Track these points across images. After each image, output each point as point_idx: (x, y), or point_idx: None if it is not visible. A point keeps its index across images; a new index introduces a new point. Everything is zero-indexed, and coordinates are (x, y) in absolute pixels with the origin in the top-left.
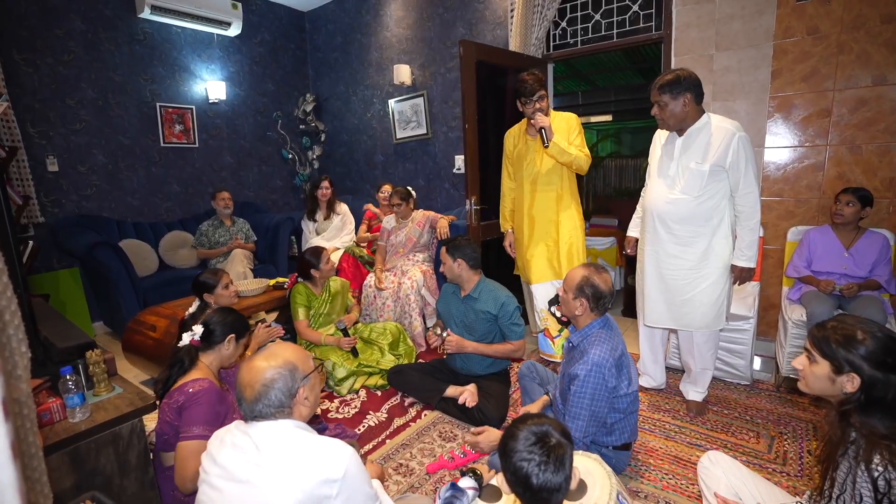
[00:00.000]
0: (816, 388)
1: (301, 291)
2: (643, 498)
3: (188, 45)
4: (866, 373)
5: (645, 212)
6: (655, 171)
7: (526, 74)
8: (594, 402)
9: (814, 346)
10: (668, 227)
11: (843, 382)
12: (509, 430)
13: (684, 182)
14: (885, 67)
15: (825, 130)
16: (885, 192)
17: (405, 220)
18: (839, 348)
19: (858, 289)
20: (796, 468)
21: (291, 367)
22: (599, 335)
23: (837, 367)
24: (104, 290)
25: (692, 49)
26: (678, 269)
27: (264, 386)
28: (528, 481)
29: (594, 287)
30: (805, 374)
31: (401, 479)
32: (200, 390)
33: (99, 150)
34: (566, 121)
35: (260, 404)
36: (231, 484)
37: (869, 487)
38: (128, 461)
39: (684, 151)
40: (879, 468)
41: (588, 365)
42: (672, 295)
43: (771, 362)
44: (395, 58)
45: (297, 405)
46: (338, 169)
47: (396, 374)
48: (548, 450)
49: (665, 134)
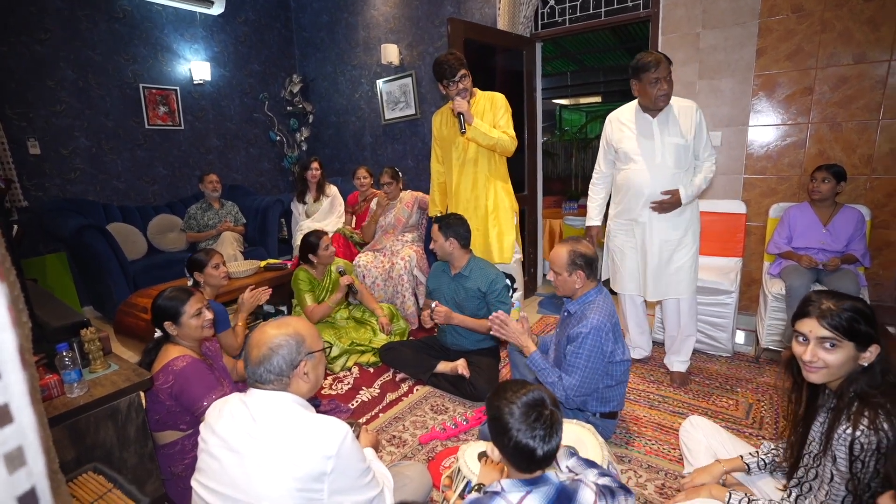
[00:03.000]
0: (840, 372)
1: (303, 277)
2: (628, 462)
3: (170, 24)
4: (877, 339)
5: (629, 193)
6: (636, 153)
7: (445, 55)
8: (590, 361)
9: (836, 333)
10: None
11: (865, 357)
12: (505, 408)
13: (673, 158)
14: (865, 45)
15: (807, 108)
16: (862, 169)
17: (393, 201)
18: (861, 326)
19: (839, 262)
20: (771, 432)
21: (299, 339)
22: (597, 301)
23: (862, 343)
24: (93, 275)
25: (679, 27)
26: (667, 241)
27: (270, 349)
28: (533, 455)
29: (583, 255)
30: (827, 363)
31: (394, 450)
32: (185, 366)
33: (81, 132)
34: (491, 101)
35: (262, 368)
36: (229, 454)
37: (845, 449)
38: (127, 434)
39: (664, 129)
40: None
41: (587, 327)
42: (662, 268)
43: (752, 335)
44: (382, 37)
45: (295, 378)
46: (326, 150)
47: (388, 350)
48: (547, 421)
49: (628, 117)
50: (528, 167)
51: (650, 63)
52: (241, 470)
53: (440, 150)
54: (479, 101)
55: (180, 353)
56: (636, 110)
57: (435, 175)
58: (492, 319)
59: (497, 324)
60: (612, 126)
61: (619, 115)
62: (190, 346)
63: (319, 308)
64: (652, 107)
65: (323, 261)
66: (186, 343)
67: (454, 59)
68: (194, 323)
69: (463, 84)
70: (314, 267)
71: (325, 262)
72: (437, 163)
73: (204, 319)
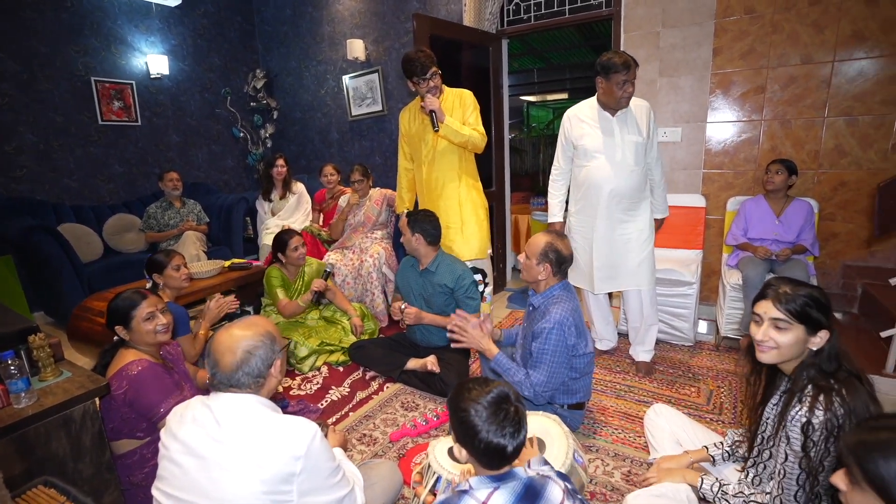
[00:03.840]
0: (790, 353)
1: (275, 275)
2: (595, 451)
3: (123, 15)
4: (827, 324)
5: (590, 189)
6: (598, 150)
7: (415, 52)
8: (555, 356)
9: (787, 314)
10: (620, 199)
11: (814, 341)
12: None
13: (633, 156)
14: (811, 47)
15: (760, 106)
16: (810, 164)
17: (363, 199)
18: (812, 310)
19: (791, 252)
20: (730, 416)
21: (271, 338)
22: (560, 297)
23: (812, 326)
24: (44, 278)
25: (640, 26)
26: (629, 235)
27: (247, 353)
28: (503, 452)
29: (557, 252)
30: (778, 344)
31: (364, 449)
32: (139, 371)
33: (27, 127)
34: (459, 97)
35: (240, 372)
36: (192, 459)
37: (799, 430)
38: (81, 444)
39: (623, 127)
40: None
41: (551, 322)
42: (625, 261)
43: (712, 324)
44: (347, 32)
45: (270, 377)
46: (292, 147)
47: (358, 349)
48: (514, 417)
49: (587, 114)
50: (495, 163)
51: (620, 65)
52: (206, 475)
53: (408, 147)
54: (447, 97)
55: (135, 358)
56: (597, 108)
57: (402, 172)
58: (451, 327)
59: (456, 332)
60: (571, 123)
61: (578, 112)
62: (146, 351)
63: (291, 304)
64: (615, 107)
65: (292, 262)
66: (142, 347)
67: (425, 57)
68: (146, 327)
69: (434, 82)
70: (285, 267)
71: (294, 264)
72: (405, 160)
73: (157, 324)
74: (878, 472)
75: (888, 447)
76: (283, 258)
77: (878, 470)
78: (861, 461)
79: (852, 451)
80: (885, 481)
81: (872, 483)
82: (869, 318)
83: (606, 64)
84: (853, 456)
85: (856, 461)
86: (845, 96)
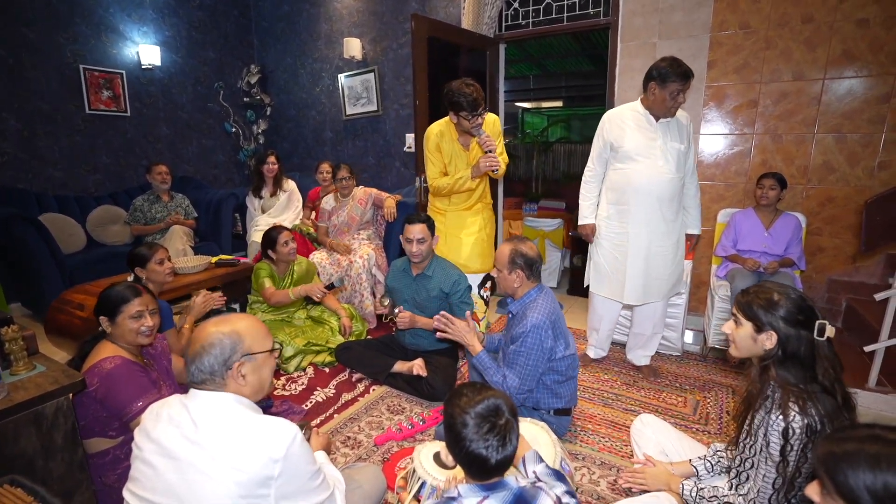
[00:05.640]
0: (744, 348)
1: (264, 267)
2: (582, 459)
3: (115, 3)
4: (781, 329)
5: (626, 194)
6: (641, 154)
7: (465, 85)
8: (529, 359)
9: (738, 310)
10: (662, 205)
11: (763, 340)
12: (459, 417)
13: (674, 162)
14: (803, 64)
15: (752, 120)
16: (800, 179)
17: (345, 199)
18: (759, 309)
19: (779, 265)
20: (716, 427)
21: (235, 338)
22: (536, 301)
23: (758, 326)
24: (23, 269)
25: (637, 36)
26: (666, 244)
27: (202, 347)
28: (486, 463)
29: (524, 255)
30: (733, 338)
31: (349, 452)
32: (112, 368)
33: (11, 113)
34: (493, 126)
35: (193, 366)
36: (166, 460)
37: (778, 434)
38: (53, 442)
39: (667, 133)
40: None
41: (527, 326)
42: (658, 270)
43: (700, 335)
44: (345, 31)
45: (230, 380)
46: (284, 144)
47: (345, 350)
48: (501, 431)
49: (630, 117)
50: None
51: (680, 76)
52: (179, 477)
53: (445, 162)
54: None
55: (112, 353)
56: (641, 112)
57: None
58: (437, 318)
59: (443, 323)
60: (612, 125)
61: (620, 114)
62: (125, 347)
63: (279, 293)
64: (663, 114)
65: (282, 257)
66: (122, 343)
67: (476, 92)
68: (130, 325)
69: (482, 118)
70: (275, 264)
71: (284, 260)
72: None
73: (143, 324)
74: (848, 482)
75: (855, 457)
76: (273, 254)
77: (848, 481)
78: (830, 472)
79: (822, 462)
80: (854, 493)
81: (843, 494)
82: (853, 333)
83: (665, 72)
84: (823, 467)
85: (826, 472)
86: (834, 114)
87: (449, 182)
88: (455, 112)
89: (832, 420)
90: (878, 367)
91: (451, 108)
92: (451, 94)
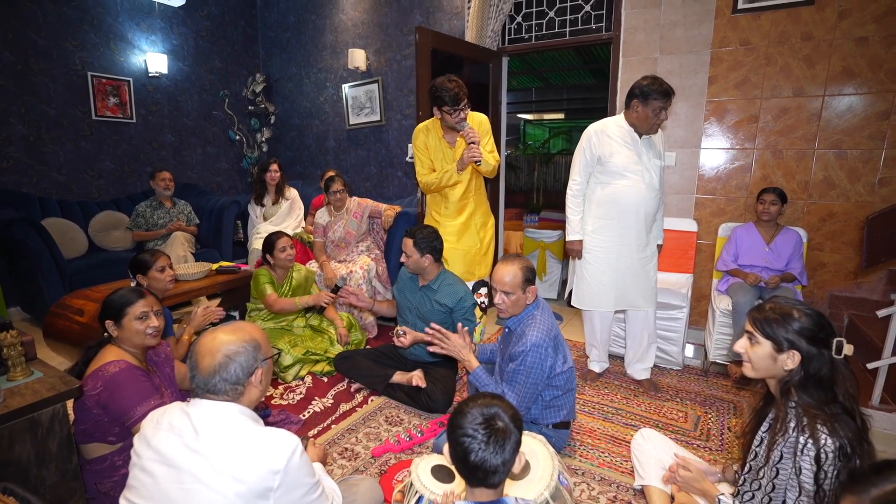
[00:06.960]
0: (762, 368)
1: (264, 273)
2: (581, 475)
3: (125, 12)
4: (804, 349)
5: (616, 209)
6: (628, 170)
7: (447, 80)
8: (529, 378)
9: (755, 328)
10: (647, 220)
11: (784, 360)
12: (460, 406)
13: (657, 178)
14: (803, 80)
15: (753, 135)
16: (800, 194)
17: (339, 212)
18: (779, 327)
19: (780, 280)
20: (717, 443)
21: (255, 345)
22: (534, 317)
23: (778, 345)
24: (24, 273)
25: (639, 51)
26: (646, 254)
27: (226, 357)
28: (465, 457)
29: (531, 270)
30: (749, 357)
31: (346, 464)
32: (116, 372)
33: (17, 118)
34: (479, 124)
35: (217, 377)
36: (165, 468)
37: (810, 460)
38: (47, 450)
39: (648, 150)
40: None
41: (527, 345)
42: (643, 281)
43: (701, 349)
44: (349, 42)
45: (250, 386)
46: (288, 153)
47: (343, 359)
48: (492, 431)
49: (616, 132)
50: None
51: (661, 94)
52: (178, 486)
53: (433, 160)
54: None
55: (116, 358)
56: (626, 127)
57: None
58: (432, 333)
59: (438, 337)
60: (599, 138)
61: (605, 128)
62: (131, 351)
63: (282, 302)
64: (645, 131)
65: (280, 263)
66: (128, 347)
67: (457, 87)
68: (137, 326)
69: (464, 113)
70: (274, 270)
71: (282, 266)
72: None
73: (149, 325)
74: None
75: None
76: (272, 259)
77: None
78: None
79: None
80: None
81: None
82: (855, 350)
83: (647, 90)
84: None
85: None
86: (835, 130)
87: (437, 177)
88: (438, 107)
89: (853, 445)
90: (881, 385)
91: (435, 103)
92: (434, 89)
